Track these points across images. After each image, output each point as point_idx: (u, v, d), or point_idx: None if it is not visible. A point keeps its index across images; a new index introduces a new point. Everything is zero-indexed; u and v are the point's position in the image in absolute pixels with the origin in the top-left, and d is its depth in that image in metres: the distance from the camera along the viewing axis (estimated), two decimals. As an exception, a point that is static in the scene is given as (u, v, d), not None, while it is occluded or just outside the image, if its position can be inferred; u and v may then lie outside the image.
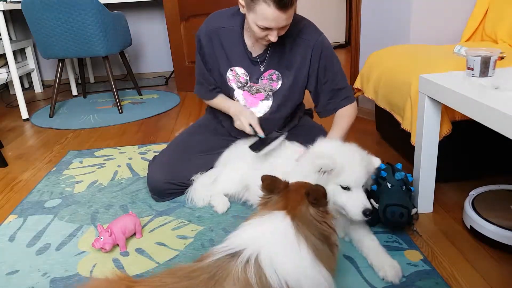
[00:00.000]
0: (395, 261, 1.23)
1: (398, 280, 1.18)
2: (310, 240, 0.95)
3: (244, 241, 0.94)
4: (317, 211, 1.00)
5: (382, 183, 1.43)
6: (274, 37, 1.40)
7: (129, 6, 4.02)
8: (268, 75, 1.60)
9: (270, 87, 1.62)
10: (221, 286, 0.86)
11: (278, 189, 1.05)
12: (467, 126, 1.56)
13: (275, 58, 1.57)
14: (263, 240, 0.93)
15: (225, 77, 1.63)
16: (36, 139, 2.67)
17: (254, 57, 1.58)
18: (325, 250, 0.98)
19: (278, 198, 1.04)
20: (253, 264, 0.89)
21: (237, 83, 1.63)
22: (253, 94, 1.64)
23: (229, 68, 1.61)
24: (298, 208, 0.99)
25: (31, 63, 3.96)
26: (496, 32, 1.99)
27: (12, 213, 1.73)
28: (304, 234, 0.95)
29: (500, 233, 1.29)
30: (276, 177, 1.06)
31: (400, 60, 1.87)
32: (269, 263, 0.89)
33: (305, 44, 1.55)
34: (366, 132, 2.42)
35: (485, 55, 1.29)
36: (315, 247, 0.95)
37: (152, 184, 1.71)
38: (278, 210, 0.99)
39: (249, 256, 0.90)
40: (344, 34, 5.73)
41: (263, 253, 0.90)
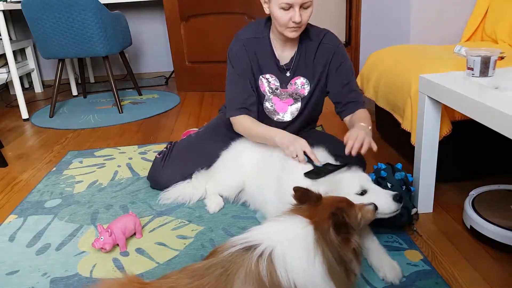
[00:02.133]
0: (395, 261, 1.23)
1: (398, 280, 1.18)
2: (326, 256, 0.94)
3: (263, 236, 0.94)
4: (336, 236, 0.98)
5: (382, 183, 1.43)
6: (297, 15, 1.43)
7: (129, 6, 4.02)
8: (296, 81, 1.65)
9: (299, 92, 1.67)
10: (232, 279, 0.87)
11: (310, 201, 1.05)
12: (467, 126, 1.56)
13: (301, 65, 1.63)
14: (281, 238, 0.94)
15: (258, 84, 1.67)
16: (36, 139, 2.67)
17: (282, 65, 1.64)
18: (340, 272, 0.97)
19: (307, 207, 1.04)
20: (266, 258, 0.90)
21: (268, 89, 1.68)
22: (282, 100, 1.69)
23: (260, 75, 1.66)
24: (323, 224, 0.98)
25: (31, 63, 3.96)
26: (496, 32, 1.99)
27: (12, 213, 1.73)
28: (322, 248, 0.95)
29: (500, 233, 1.29)
30: (308, 189, 1.06)
31: (400, 60, 1.87)
32: (282, 261, 0.90)
33: (327, 49, 1.62)
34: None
35: (485, 55, 1.29)
36: (330, 264, 0.95)
37: (160, 184, 1.79)
38: (304, 217, 0.99)
39: (264, 251, 0.90)
40: (344, 34, 5.72)
41: (278, 250, 0.91)
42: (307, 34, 1.61)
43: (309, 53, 1.62)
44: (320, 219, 0.99)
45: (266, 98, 1.69)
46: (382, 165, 1.50)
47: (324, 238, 0.97)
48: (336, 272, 0.96)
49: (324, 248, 0.95)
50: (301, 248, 0.94)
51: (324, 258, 0.94)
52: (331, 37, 1.65)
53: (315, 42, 1.61)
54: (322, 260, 0.94)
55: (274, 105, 1.70)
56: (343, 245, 0.99)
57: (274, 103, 1.70)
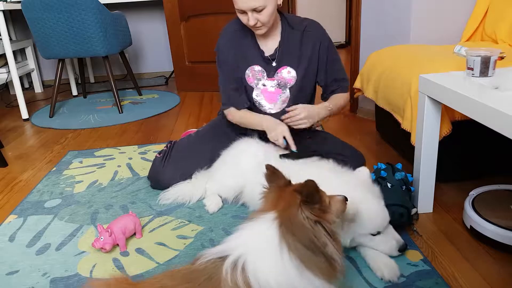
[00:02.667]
0: (392, 260, 1.23)
1: (396, 278, 1.18)
2: (294, 249, 0.91)
3: (233, 246, 0.92)
4: (311, 211, 0.94)
5: (382, 183, 1.43)
6: (251, 20, 1.52)
7: (129, 6, 4.02)
8: (282, 70, 1.69)
9: (286, 82, 1.70)
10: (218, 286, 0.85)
11: (278, 183, 1.02)
12: (467, 126, 1.56)
13: (286, 55, 1.68)
14: (249, 246, 0.91)
15: (244, 76, 1.72)
16: (36, 139, 2.67)
17: (267, 56, 1.69)
18: (318, 261, 0.93)
19: (274, 195, 1.01)
20: (240, 270, 0.87)
21: (256, 80, 1.72)
22: (271, 90, 1.73)
23: (248, 67, 1.71)
24: (289, 210, 0.94)
25: (31, 63, 3.96)
26: (496, 32, 1.99)
27: (12, 213, 1.73)
28: (287, 242, 0.91)
29: (500, 233, 1.29)
30: (279, 171, 1.03)
31: (400, 60, 1.87)
32: (253, 270, 0.87)
33: (313, 37, 1.67)
34: (366, 132, 2.42)
35: (485, 55, 1.29)
36: (301, 255, 0.91)
37: (161, 184, 1.80)
38: (270, 211, 0.96)
39: (235, 262, 0.88)
40: (344, 34, 5.73)
41: (248, 260, 0.88)
42: (288, 24, 1.67)
43: (293, 42, 1.67)
44: (286, 206, 0.95)
45: (255, 90, 1.73)
46: (382, 165, 1.50)
47: (292, 228, 0.92)
48: (312, 261, 0.92)
49: (289, 241, 0.91)
50: (268, 251, 0.91)
51: (291, 251, 0.90)
52: (314, 25, 1.70)
53: (298, 30, 1.67)
54: (290, 255, 0.90)
55: (263, 96, 1.73)
56: (322, 217, 0.95)
57: (263, 94, 1.73)
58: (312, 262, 0.92)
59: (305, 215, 0.94)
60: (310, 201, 0.94)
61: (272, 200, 1.00)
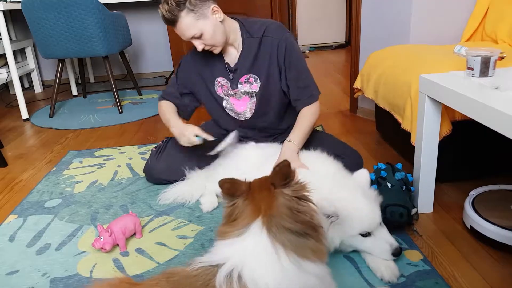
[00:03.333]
0: (391, 261, 1.23)
1: (396, 279, 1.18)
2: (289, 245, 0.89)
3: (224, 256, 0.89)
4: (292, 190, 0.93)
5: (382, 183, 1.43)
6: (198, 46, 1.57)
7: (129, 6, 4.02)
8: (245, 79, 1.71)
9: (251, 89, 1.72)
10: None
11: (240, 191, 0.96)
12: (467, 126, 1.56)
13: (246, 63, 1.68)
14: (242, 257, 0.88)
15: (213, 88, 1.76)
16: (36, 139, 2.67)
17: (231, 67, 1.71)
18: (309, 243, 0.92)
19: (246, 203, 0.95)
20: (236, 279, 0.85)
21: (223, 91, 1.76)
22: (239, 99, 1.75)
23: (214, 79, 1.75)
24: (274, 205, 0.92)
25: (31, 63, 3.96)
26: (496, 32, 1.99)
27: (12, 213, 1.73)
28: (281, 242, 0.89)
29: (500, 233, 1.29)
30: (234, 179, 0.97)
31: (400, 60, 1.87)
32: (251, 278, 0.85)
33: (269, 42, 1.65)
34: (366, 132, 2.42)
35: (485, 55, 1.29)
36: (297, 248, 0.90)
37: (152, 177, 1.87)
38: (253, 219, 0.92)
39: (230, 272, 0.85)
40: (344, 34, 5.73)
41: (244, 269, 0.86)
42: (248, 32, 1.67)
43: (252, 49, 1.66)
44: (268, 204, 0.92)
45: (224, 100, 1.77)
46: (382, 165, 1.50)
47: (281, 223, 0.90)
48: (305, 247, 0.91)
49: (283, 238, 0.89)
50: (265, 261, 0.88)
51: (287, 249, 0.89)
52: (274, 29, 1.66)
53: (256, 37, 1.66)
54: (286, 254, 0.88)
55: (233, 105, 1.77)
56: (300, 202, 0.93)
57: (232, 103, 1.76)
58: (306, 248, 0.91)
59: (289, 196, 0.93)
60: (289, 181, 0.93)
61: (246, 208, 0.95)
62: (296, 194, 0.94)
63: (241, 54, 1.67)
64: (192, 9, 1.50)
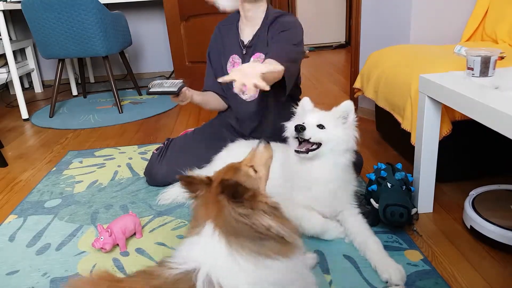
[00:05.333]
0: (399, 265, 1.22)
1: (403, 283, 1.17)
2: (245, 248, 0.86)
3: (195, 259, 0.86)
4: (243, 205, 0.89)
5: (382, 183, 1.43)
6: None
7: (129, 6, 4.02)
8: (256, 58, 1.75)
9: None
10: None
11: (198, 188, 0.95)
12: (467, 126, 1.56)
13: (260, 43, 1.73)
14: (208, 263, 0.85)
15: (226, 67, 1.80)
16: (36, 139, 2.67)
17: (245, 44, 1.76)
18: (269, 245, 0.88)
19: (203, 202, 0.94)
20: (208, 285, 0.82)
21: None
22: None
23: (229, 57, 1.80)
24: (221, 213, 0.89)
25: (31, 63, 3.96)
26: (496, 32, 1.99)
27: (12, 213, 1.73)
28: (235, 247, 0.86)
29: (500, 233, 1.29)
30: (192, 176, 0.96)
31: (400, 60, 1.87)
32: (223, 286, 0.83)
33: (277, 24, 1.70)
34: (366, 131, 2.42)
35: (485, 55, 1.29)
36: (254, 250, 0.87)
37: (155, 180, 1.85)
38: (206, 221, 0.90)
39: (203, 279, 0.82)
40: (344, 34, 5.73)
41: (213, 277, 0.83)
42: (267, 16, 1.72)
43: (267, 31, 1.72)
44: (216, 211, 0.89)
45: None
46: (382, 165, 1.50)
47: (232, 232, 0.87)
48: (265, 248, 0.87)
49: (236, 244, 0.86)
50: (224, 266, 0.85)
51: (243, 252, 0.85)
52: (287, 16, 1.72)
53: (270, 20, 1.72)
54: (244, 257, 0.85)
55: None
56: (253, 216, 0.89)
57: None
58: (267, 249, 0.88)
59: (239, 212, 0.89)
60: (238, 197, 0.89)
61: (202, 207, 0.94)
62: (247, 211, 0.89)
63: (257, 32, 1.73)
64: None
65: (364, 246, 1.31)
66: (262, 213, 0.91)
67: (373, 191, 1.45)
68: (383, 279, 1.19)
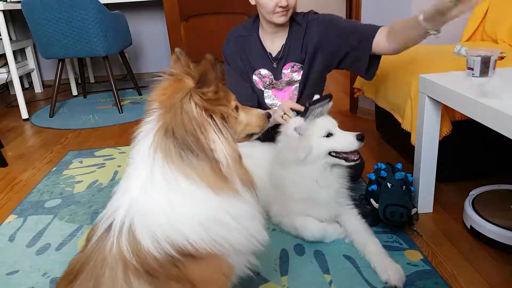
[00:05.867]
0: (399, 265, 1.22)
1: (402, 284, 1.17)
2: (173, 164, 0.76)
3: (116, 205, 0.77)
4: (202, 96, 0.79)
5: (382, 183, 1.43)
6: (283, 1, 1.48)
7: (129, 6, 4.01)
8: (288, 67, 1.67)
9: (293, 77, 1.68)
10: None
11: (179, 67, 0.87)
12: (467, 126, 1.56)
13: (292, 51, 1.64)
14: (132, 200, 0.76)
15: (252, 81, 1.71)
16: (36, 139, 2.67)
17: (274, 56, 1.67)
18: (199, 165, 0.79)
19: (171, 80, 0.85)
20: (127, 233, 0.73)
21: (263, 84, 1.71)
22: (281, 90, 1.71)
23: (254, 72, 1.70)
24: (173, 98, 0.80)
25: (31, 63, 3.96)
26: (496, 32, 1.98)
27: (12, 213, 1.73)
28: (163, 147, 0.77)
29: (500, 233, 1.29)
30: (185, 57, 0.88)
31: (400, 60, 1.87)
32: (143, 225, 0.73)
33: (313, 24, 1.63)
34: (366, 131, 2.41)
35: (485, 55, 1.29)
36: (182, 170, 0.77)
37: None
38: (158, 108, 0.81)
39: (121, 226, 0.74)
40: (344, 34, 5.73)
41: (135, 217, 0.74)
42: (295, 20, 1.65)
43: (299, 36, 1.64)
44: (172, 91, 0.80)
45: (265, 93, 1.72)
46: (382, 165, 1.50)
47: (171, 127, 0.78)
48: (192, 166, 0.78)
49: (166, 144, 0.77)
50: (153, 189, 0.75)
51: (167, 159, 0.76)
52: (313, 13, 1.69)
53: (303, 24, 1.64)
54: (165, 165, 0.75)
55: (275, 97, 1.71)
56: (204, 117, 0.80)
57: (274, 95, 1.72)
58: (196, 170, 0.78)
59: (194, 102, 0.79)
60: (203, 84, 0.79)
61: (165, 90, 0.84)
62: (204, 105, 0.79)
63: (287, 41, 1.64)
64: None
65: (363, 246, 1.31)
66: (215, 127, 0.81)
67: (373, 191, 1.45)
68: (383, 280, 1.20)
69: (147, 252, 0.72)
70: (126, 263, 0.73)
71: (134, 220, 0.75)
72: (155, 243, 0.73)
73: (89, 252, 0.78)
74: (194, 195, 0.77)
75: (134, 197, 0.78)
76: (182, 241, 0.74)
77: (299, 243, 1.40)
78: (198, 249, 0.75)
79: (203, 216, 0.78)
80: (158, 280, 0.74)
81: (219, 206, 0.80)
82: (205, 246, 0.76)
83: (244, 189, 0.85)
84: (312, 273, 1.25)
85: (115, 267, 0.73)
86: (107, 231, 0.77)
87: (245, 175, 0.87)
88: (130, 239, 0.74)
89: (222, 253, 0.79)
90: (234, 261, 0.83)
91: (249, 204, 0.85)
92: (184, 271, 0.75)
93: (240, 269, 0.87)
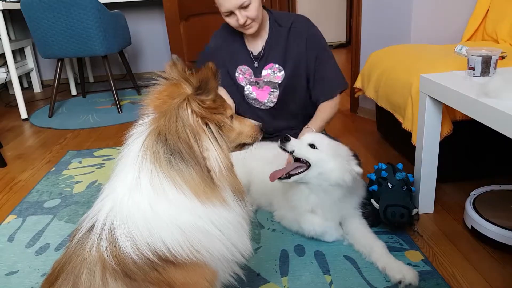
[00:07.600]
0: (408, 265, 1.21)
1: (417, 281, 1.16)
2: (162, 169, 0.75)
3: (100, 206, 0.77)
4: (200, 103, 0.78)
5: (383, 183, 1.42)
6: (240, 19, 1.52)
7: (129, 6, 4.01)
8: (269, 68, 1.71)
9: (274, 79, 1.72)
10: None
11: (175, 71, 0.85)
12: (468, 126, 1.56)
13: (272, 52, 1.69)
14: (115, 201, 0.75)
15: (234, 77, 1.77)
16: (35, 139, 2.67)
17: (255, 55, 1.72)
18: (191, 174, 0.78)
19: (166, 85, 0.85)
20: (107, 235, 0.72)
21: (245, 80, 1.76)
22: (260, 88, 1.75)
23: (236, 68, 1.75)
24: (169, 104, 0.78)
25: (30, 63, 3.95)
26: (497, 31, 1.98)
27: (11, 213, 1.72)
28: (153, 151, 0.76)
29: (501, 233, 1.29)
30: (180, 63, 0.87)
31: (401, 60, 1.87)
32: (123, 227, 0.72)
33: (299, 34, 1.67)
34: (366, 132, 2.42)
35: (486, 55, 1.28)
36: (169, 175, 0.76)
37: None
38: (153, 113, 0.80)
39: (102, 226, 0.74)
40: (344, 33, 5.72)
41: (117, 219, 0.73)
42: (276, 21, 1.68)
43: (280, 39, 1.68)
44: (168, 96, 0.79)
45: (246, 88, 1.77)
46: (383, 165, 1.50)
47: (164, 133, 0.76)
48: (182, 174, 0.76)
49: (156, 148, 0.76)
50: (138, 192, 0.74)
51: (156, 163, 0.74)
52: (302, 21, 1.69)
53: (285, 27, 1.67)
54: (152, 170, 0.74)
55: (254, 93, 1.77)
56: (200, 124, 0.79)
57: (253, 92, 1.77)
58: (183, 177, 0.76)
59: (191, 109, 0.78)
60: (203, 91, 0.78)
61: (160, 95, 0.83)
62: (201, 112, 0.78)
63: (267, 42, 1.68)
64: None
65: (369, 249, 1.30)
66: (210, 135, 0.80)
67: (373, 192, 1.45)
68: (395, 280, 1.18)
69: (126, 254, 0.72)
70: (104, 264, 0.73)
71: (115, 221, 0.75)
72: (134, 247, 0.73)
73: (71, 252, 0.79)
74: (177, 201, 0.77)
75: (118, 198, 0.77)
76: (160, 247, 0.73)
77: (299, 244, 1.39)
78: (176, 255, 0.75)
79: (184, 223, 0.77)
80: (136, 282, 0.73)
81: (202, 214, 0.78)
82: (183, 253, 0.75)
83: (233, 198, 0.84)
84: (312, 273, 1.25)
85: (93, 268, 0.73)
86: (89, 231, 0.77)
87: (236, 184, 0.86)
88: (110, 240, 0.73)
89: (202, 261, 0.78)
90: (217, 267, 0.82)
91: (236, 213, 0.84)
92: (165, 275, 0.75)
93: (223, 277, 0.86)
